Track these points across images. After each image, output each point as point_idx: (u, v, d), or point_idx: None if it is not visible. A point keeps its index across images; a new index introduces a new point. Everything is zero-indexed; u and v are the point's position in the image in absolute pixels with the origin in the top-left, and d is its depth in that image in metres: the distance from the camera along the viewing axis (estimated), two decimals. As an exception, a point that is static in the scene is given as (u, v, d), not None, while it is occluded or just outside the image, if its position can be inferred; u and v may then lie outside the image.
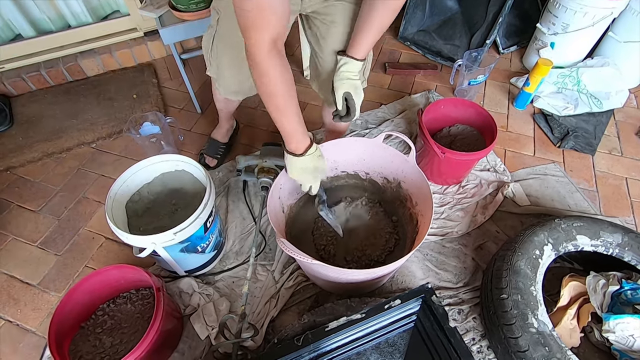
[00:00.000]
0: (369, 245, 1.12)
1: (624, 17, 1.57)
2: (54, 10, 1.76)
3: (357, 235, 1.14)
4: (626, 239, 1.00)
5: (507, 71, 1.86)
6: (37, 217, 1.35)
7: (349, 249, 1.12)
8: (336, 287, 1.08)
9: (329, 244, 1.13)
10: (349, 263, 1.10)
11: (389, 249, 1.11)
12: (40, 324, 1.11)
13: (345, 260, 1.10)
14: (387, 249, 1.11)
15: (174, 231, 0.92)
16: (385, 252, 1.11)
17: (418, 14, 1.93)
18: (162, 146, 1.45)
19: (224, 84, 1.11)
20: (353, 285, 1.03)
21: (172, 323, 1.00)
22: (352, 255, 1.10)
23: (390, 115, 1.65)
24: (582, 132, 1.54)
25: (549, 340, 0.84)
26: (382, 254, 1.10)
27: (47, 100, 1.75)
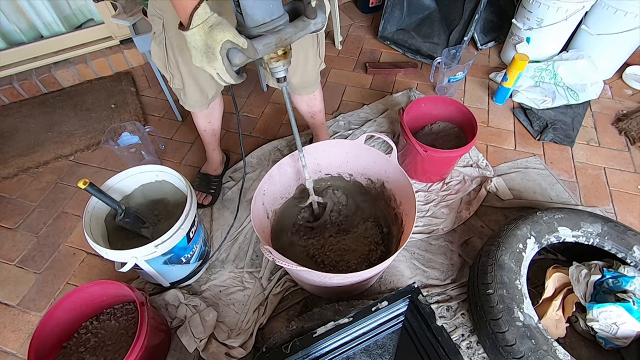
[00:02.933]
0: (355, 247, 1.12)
1: (595, 10, 1.60)
2: (24, 20, 1.72)
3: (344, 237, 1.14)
4: (605, 229, 1.02)
5: (486, 67, 1.88)
6: (14, 234, 1.31)
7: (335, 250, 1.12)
8: (324, 291, 1.07)
9: (316, 247, 1.12)
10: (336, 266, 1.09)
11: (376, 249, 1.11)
12: (20, 346, 1.08)
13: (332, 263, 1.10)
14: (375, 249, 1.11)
15: (155, 244, 0.90)
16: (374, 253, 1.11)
17: (396, 13, 1.94)
18: (143, 156, 1.42)
19: (188, 93, 1.07)
20: (341, 289, 1.02)
21: (159, 337, 0.98)
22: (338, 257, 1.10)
23: (373, 116, 1.65)
24: (560, 124, 1.57)
25: (535, 333, 0.85)
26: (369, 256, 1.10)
27: (22, 113, 1.70)
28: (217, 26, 0.63)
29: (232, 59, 0.66)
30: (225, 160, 1.47)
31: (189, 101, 1.10)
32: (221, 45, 0.63)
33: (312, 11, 0.69)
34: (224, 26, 0.63)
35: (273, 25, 0.67)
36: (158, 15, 0.91)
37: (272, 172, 1.04)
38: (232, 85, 0.90)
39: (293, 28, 0.69)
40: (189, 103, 1.11)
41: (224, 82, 0.71)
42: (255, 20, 0.66)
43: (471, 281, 1.05)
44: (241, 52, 0.66)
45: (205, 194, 1.34)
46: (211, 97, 1.12)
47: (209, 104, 1.14)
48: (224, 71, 0.67)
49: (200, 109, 1.14)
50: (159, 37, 0.94)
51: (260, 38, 0.67)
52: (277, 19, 0.67)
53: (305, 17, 0.70)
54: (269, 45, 0.67)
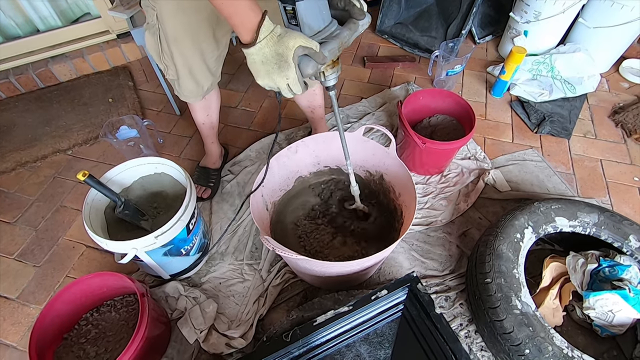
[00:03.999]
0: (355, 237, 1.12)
1: (592, 3, 1.61)
2: (20, 14, 1.70)
3: (344, 228, 1.15)
4: (602, 219, 1.03)
5: (484, 60, 1.89)
6: (12, 229, 1.31)
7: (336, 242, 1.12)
8: (324, 282, 1.08)
9: (315, 239, 1.13)
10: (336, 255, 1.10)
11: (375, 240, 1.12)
12: (21, 338, 1.08)
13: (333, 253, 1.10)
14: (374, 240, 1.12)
15: (155, 235, 0.90)
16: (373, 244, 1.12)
17: (394, 6, 1.94)
18: (141, 150, 1.42)
19: (183, 84, 1.07)
20: (340, 279, 1.03)
21: (159, 328, 0.99)
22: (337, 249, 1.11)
23: (371, 109, 1.65)
24: (557, 117, 1.58)
25: (533, 321, 0.86)
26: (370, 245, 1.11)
27: (19, 108, 1.69)
28: (285, 34, 0.61)
29: (304, 69, 0.65)
30: (224, 154, 1.47)
31: (183, 91, 1.10)
32: (294, 51, 0.61)
33: (360, 12, 0.69)
34: (293, 33, 0.62)
35: (329, 31, 0.67)
36: (151, 7, 0.90)
37: (271, 164, 1.04)
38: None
39: (348, 31, 0.69)
40: (184, 93, 1.11)
41: (292, 94, 0.69)
42: (313, 29, 0.66)
43: (469, 271, 1.06)
44: (312, 59, 0.64)
45: (205, 187, 1.34)
46: (206, 89, 1.12)
47: (204, 95, 1.14)
48: (296, 80, 0.64)
49: (195, 99, 1.13)
50: (153, 27, 0.94)
51: (324, 44, 0.66)
52: (329, 25, 0.68)
53: (354, 20, 0.70)
54: (333, 50, 0.67)
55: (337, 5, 0.69)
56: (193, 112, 1.22)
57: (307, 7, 0.62)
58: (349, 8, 0.69)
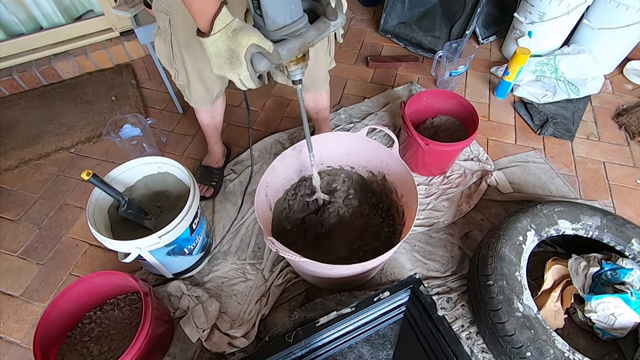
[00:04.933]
0: (358, 238, 1.13)
1: (597, 4, 1.60)
2: (23, 11, 1.70)
3: (346, 229, 1.15)
4: (605, 222, 1.03)
5: (487, 61, 1.88)
6: (16, 226, 1.31)
7: (339, 243, 1.12)
8: (326, 282, 1.08)
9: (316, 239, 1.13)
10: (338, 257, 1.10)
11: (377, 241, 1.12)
12: (24, 335, 1.09)
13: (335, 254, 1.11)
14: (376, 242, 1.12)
15: (158, 234, 0.90)
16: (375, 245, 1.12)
17: (398, 6, 1.93)
18: (144, 148, 1.42)
19: (193, 91, 1.06)
20: (343, 280, 1.03)
21: (162, 327, 0.99)
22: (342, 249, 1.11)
23: (374, 109, 1.65)
24: (560, 118, 1.57)
25: (534, 323, 0.86)
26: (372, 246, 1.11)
27: (22, 105, 1.69)
28: (240, 30, 0.60)
29: (256, 66, 0.63)
30: (226, 153, 1.47)
31: (193, 98, 1.10)
32: (246, 49, 0.60)
33: (332, 12, 0.66)
34: (249, 29, 0.60)
35: (295, 28, 0.64)
36: (164, 11, 0.89)
37: (275, 164, 1.04)
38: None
39: (315, 31, 0.66)
40: (194, 100, 1.11)
41: (245, 88, 0.68)
42: (277, 23, 0.62)
43: (471, 273, 1.06)
44: (265, 57, 0.62)
45: (207, 186, 1.34)
46: (216, 95, 1.12)
47: (214, 101, 1.14)
48: (248, 77, 0.64)
49: (205, 105, 1.14)
50: (164, 33, 0.93)
51: (283, 42, 0.63)
52: (298, 21, 0.64)
53: (325, 19, 0.67)
54: (292, 50, 0.64)
55: None
56: (198, 114, 1.22)
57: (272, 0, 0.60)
58: (323, 4, 0.66)
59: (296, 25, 0.64)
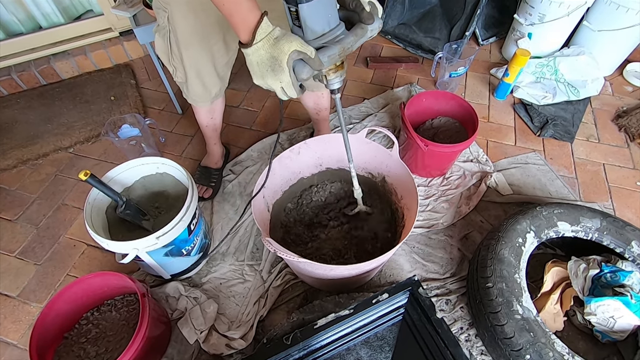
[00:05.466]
0: (357, 239, 1.12)
1: (597, 6, 1.60)
2: (23, 11, 1.70)
3: (346, 231, 1.15)
4: (604, 224, 1.02)
5: (487, 62, 1.88)
6: (13, 226, 1.31)
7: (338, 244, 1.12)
8: (324, 284, 1.08)
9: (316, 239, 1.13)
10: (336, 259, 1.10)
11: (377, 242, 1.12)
12: (21, 336, 1.08)
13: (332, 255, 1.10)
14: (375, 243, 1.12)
15: (156, 235, 0.90)
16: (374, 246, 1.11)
17: (398, 7, 1.93)
18: (143, 148, 1.42)
19: (191, 87, 1.07)
20: (341, 281, 1.03)
21: (160, 328, 0.99)
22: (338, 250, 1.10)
23: (374, 110, 1.65)
24: (560, 120, 1.57)
25: (534, 326, 0.86)
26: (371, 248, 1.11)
27: (20, 105, 1.69)
28: (282, 37, 0.61)
29: (299, 74, 0.63)
30: (225, 154, 1.46)
31: (191, 95, 1.10)
32: (288, 55, 0.60)
33: (368, 17, 0.66)
34: (290, 36, 0.61)
35: (333, 35, 0.65)
36: (163, 9, 0.90)
37: (273, 165, 1.03)
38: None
39: (354, 36, 0.66)
40: (192, 97, 1.11)
41: (287, 97, 0.68)
42: (315, 32, 0.63)
43: (470, 275, 1.06)
44: (308, 64, 0.63)
45: (206, 187, 1.34)
46: (214, 95, 1.12)
47: (212, 100, 1.14)
48: (290, 84, 0.63)
49: (203, 103, 1.13)
50: (163, 30, 0.94)
51: (323, 49, 0.64)
52: (335, 29, 0.65)
53: (362, 24, 0.67)
54: (333, 56, 0.64)
55: (348, 5, 0.67)
56: (197, 114, 1.22)
57: (311, 9, 0.61)
58: (358, 11, 0.66)
59: (334, 33, 0.65)
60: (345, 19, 0.68)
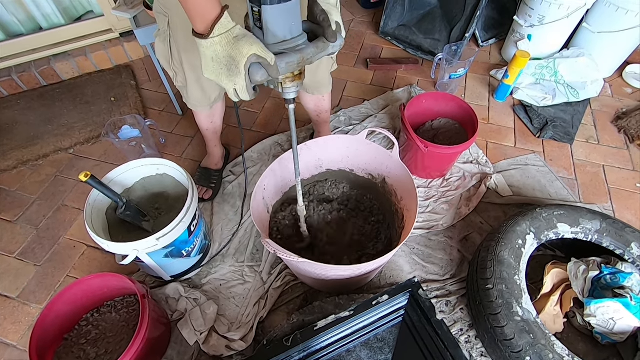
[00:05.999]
0: (357, 241, 1.12)
1: (597, 8, 1.60)
2: (23, 11, 1.70)
3: (345, 232, 1.15)
4: (604, 226, 1.03)
5: (487, 64, 1.88)
6: (13, 227, 1.31)
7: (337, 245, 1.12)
8: (324, 285, 1.08)
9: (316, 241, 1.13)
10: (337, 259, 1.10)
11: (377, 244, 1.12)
12: (21, 337, 1.08)
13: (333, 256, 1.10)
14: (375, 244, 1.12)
15: (156, 237, 0.90)
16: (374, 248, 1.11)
17: (398, 9, 1.93)
18: (143, 150, 1.42)
19: (191, 92, 1.07)
20: (341, 282, 1.03)
21: (160, 330, 0.99)
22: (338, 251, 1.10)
23: (374, 111, 1.65)
24: (560, 122, 1.57)
25: (534, 328, 0.86)
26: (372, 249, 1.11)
27: (21, 105, 1.69)
28: (243, 38, 0.58)
29: (253, 76, 0.61)
30: (225, 155, 1.46)
31: (191, 99, 1.10)
32: (247, 58, 0.58)
33: (332, 35, 0.65)
34: (251, 39, 0.59)
35: (294, 44, 0.64)
36: (163, 13, 0.90)
37: (274, 167, 1.04)
38: None
39: (314, 48, 0.65)
40: (191, 101, 1.11)
41: (238, 99, 0.66)
42: (277, 37, 0.62)
43: (470, 276, 1.06)
44: (264, 69, 0.61)
45: (206, 188, 1.34)
46: (214, 99, 1.12)
47: (212, 105, 1.14)
48: (244, 88, 0.62)
49: (203, 108, 1.14)
50: (164, 34, 0.94)
51: (282, 56, 0.62)
52: (297, 37, 0.64)
53: (325, 39, 0.66)
54: (291, 64, 0.63)
55: (316, 18, 0.66)
56: (197, 118, 1.22)
57: (274, 13, 0.59)
58: (324, 25, 0.65)
59: (296, 41, 0.64)
60: (309, 31, 0.67)
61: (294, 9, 0.61)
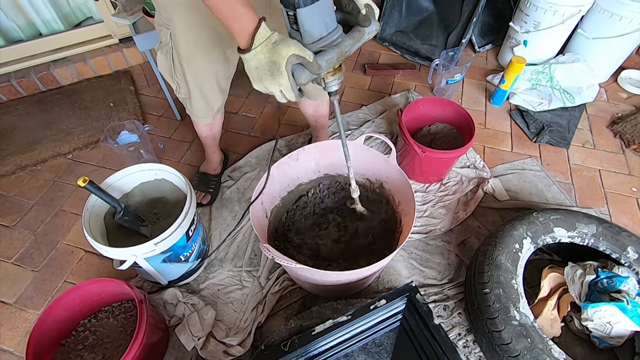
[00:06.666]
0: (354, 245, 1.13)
1: (591, 14, 1.62)
2: (23, 18, 1.71)
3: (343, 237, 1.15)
4: (600, 229, 1.03)
5: (484, 69, 1.90)
6: (11, 232, 1.31)
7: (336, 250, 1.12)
8: (322, 290, 1.08)
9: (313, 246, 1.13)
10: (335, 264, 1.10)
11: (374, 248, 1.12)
12: (17, 343, 1.07)
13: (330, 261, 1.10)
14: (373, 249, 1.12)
15: (154, 242, 0.90)
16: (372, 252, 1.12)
17: (395, 14, 1.95)
18: (142, 155, 1.42)
19: (194, 103, 1.08)
20: (339, 287, 1.03)
21: (157, 335, 0.98)
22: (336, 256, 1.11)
23: (371, 116, 1.66)
24: (556, 126, 1.58)
25: (531, 332, 0.86)
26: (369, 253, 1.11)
27: (20, 111, 1.69)
28: (280, 42, 0.61)
29: (297, 78, 0.64)
30: (224, 160, 1.47)
31: (194, 111, 1.12)
32: (287, 59, 0.61)
33: (365, 19, 0.66)
34: (288, 41, 0.62)
35: (331, 39, 0.65)
36: (165, 25, 0.90)
37: (272, 171, 1.04)
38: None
39: (351, 40, 0.66)
40: (195, 112, 1.12)
41: (285, 100, 0.68)
42: (313, 36, 0.64)
43: (468, 281, 1.06)
44: (306, 69, 0.63)
45: (204, 193, 1.34)
46: (217, 109, 1.13)
47: (215, 115, 1.15)
48: (289, 88, 0.64)
49: (206, 119, 1.15)
50: (166, 47, 0.95)
51: (321, 54, 0.64)
52: (333, 32, 0.65)
53: (359, 27, 0.67)
54: (331, 60, 0.65)
55: (344, 7, 0.67)
56: (196, 126, 1.23)
57: (308, 14, 0.61)
58: (354, 13, 0.66)
59: (332, 36, 0.65)
60: (342, 22, 0.68)
61: (327, 5, 0.62)
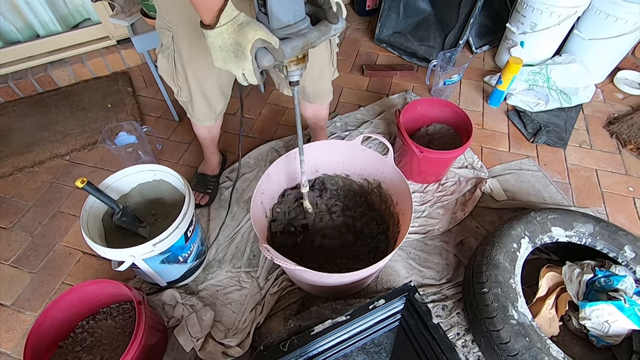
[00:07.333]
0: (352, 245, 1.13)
1: (587, 15, 1.64)
2: (21, 19, 1.71)
3: (342, 237, 1.15)
4: (597, 229, 1.04)
5: (481, 70, 1.91)
6: (8, 234, 1.30)
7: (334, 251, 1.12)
8: (321, 291, 1.08)
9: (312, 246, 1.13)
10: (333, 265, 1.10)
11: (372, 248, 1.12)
12: (15, 345, 1.07)
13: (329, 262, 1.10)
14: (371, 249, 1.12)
15: (153, 242, 0.90)
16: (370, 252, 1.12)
17: (392, 16, 1.96)
18: (140, 156, 1.42)
19: (196, 107, 1.07)
20: (338, 288, 1.03)
21: (156, 336, 0.98)
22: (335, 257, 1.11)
23: (369, 117, 1.67)
24: (553, 127, 1.59)
25: (529, 331, 0.86)
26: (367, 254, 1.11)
27: (17, 112, 1.69)
28: (247, 24, 0.60)
29: (260, 61, 0.64)
30: (222, 161, 1.47)
31: (196, 114, 1.11)
32: (252, 43, 0.60)
33: (334, 16, 0.67)
34: (255, 24, 0.61)
35: (297, 28, 0.66)
36: (167, 28, 0.89)
37: (270, 171, 1.04)
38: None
39: (317, 32, 0.68)
40: (197, 116, 1.12)
41: (247, 83, 0.69)
42: (281, 22, 0.64)
43: (466, 280, 1.06)
44: (270, 53, 0.63)
45: (203, 194, 1.34)
46: (219, 112, 1.13)
47: (217, 118, 1.15)
48: (251, 71, 0.64)
49: (208, 122, 1.14)
50: (168, 50, 0.94)
51: (287, 40, 0.65)
52: (300, 22, 0.66)
53: (327, 22, 0.68)
54: (295, 48, 0.66)
55: (317, 1, 0.68)
56: (195, 128, 1.23)
57: None
58: (325, 8, 0.67)
59: (300, 25, 0.66)
60: (311, 15, 0.69)
61: None
